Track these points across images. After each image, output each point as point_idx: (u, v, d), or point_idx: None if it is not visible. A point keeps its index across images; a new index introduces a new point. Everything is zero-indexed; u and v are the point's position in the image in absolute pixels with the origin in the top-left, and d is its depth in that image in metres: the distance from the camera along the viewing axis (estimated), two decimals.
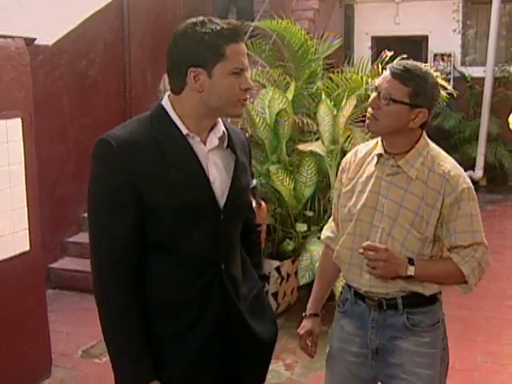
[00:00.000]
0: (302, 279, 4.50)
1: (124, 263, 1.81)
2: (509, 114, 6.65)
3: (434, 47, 10.12)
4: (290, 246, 4.83)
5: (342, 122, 4.72)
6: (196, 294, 1.88)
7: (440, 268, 2.15)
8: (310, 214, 4.89)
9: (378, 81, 2.14)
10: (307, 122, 4.94)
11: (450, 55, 10.02)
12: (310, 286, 4.46)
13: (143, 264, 1.85)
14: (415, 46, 10.09)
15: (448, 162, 2.14)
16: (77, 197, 5.93)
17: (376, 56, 5.35)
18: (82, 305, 5.17)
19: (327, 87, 5.20)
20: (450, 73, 9.80)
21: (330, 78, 5.21)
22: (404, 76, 2.05)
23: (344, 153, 4.81)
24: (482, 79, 7.24)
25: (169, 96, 1.89)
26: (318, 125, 4.78)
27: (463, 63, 9.97)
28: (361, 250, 2.10)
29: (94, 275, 1.85)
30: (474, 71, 9.46)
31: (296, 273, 4.72)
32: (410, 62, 2.12)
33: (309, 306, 2.46)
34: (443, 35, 9.98)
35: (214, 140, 1.90)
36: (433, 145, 2.19)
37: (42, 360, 3.91)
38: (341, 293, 2.35)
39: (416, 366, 2.15)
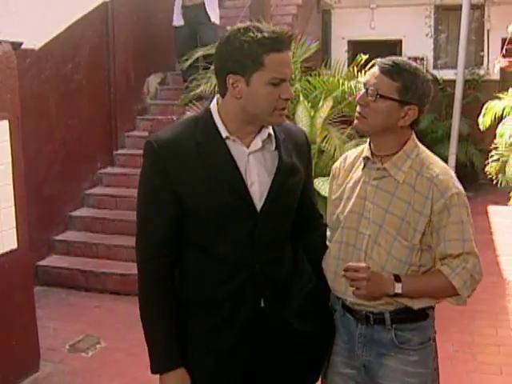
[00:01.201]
0: None
1: (159, 257, 1.89)
2: (478, 115, 6.90)
3: (407, 51, 10.28)
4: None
5: (319, 123, 4.85)
6: (227, 294, 1.88)
7: (430, 282, 1.99)
8: None
9: (366, 77, 2.04)
10: None
11: (422, 59, 10.19)
12: None
13: (182, 260, 1.92)
14: (390, 49, 10.08)
15: (437, 166, 2.00)
16: (63, 196, 6.04)
17: (352, 59, 5.50)
18: (69, 301, 5.26)
19: (305, 89, 5.26)
20: None
21: (308, 81, 5.28)
22: (393, 71, 1.93)
23: (321, 152, 4.99)
24: (453, 81, 7.43)
25: (217, 100, 1.89)
26: (295, 125, 4.86)
27: (435, 66, 10.20)
28: (343, 273, 1.98)
29: (137, 265, 1.94)
30: (446, 74, 9.61)
31: None
32: (400, 58, 2.00)
33: None
34: (416, 39, 10.20)
35: (258, 143, 1.88)
36: (423, 147, 2.06)
37: (31, 355, 3.95)
38: None
39: None
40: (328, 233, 2.21)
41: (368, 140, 2.09)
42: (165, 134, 1.89)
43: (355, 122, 2.03)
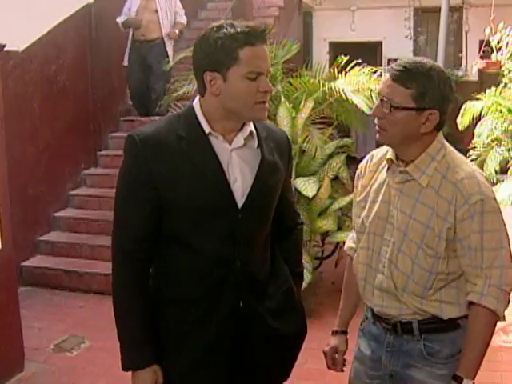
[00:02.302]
0: None
1: (136, 252, 1.87)
2: (457, 115, 6.99)
3: (387, 52, 10.42)
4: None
5: (300, 123, 4.87)
6: (207, 290, 1.88)
7: (473, 336, 1.83)
8: None
9: (379, 86, 1.92)
10: None
11: None
12: None
13: (161, 255, 1.91)
14: (370, 51, 10.35)
15: (464, 169, 1.85)
16: (48, 197, 6.06)
17: (333, 60, 5.54)
18: (53, 301, 5.27)
19: (286, 90, 5.26)
20: None
21: (289, 82, 5.28)
22: (404, 77, 1.80)
23: (303, 152, 5.03)
24: None
25: (199, 98, 1.89)
26: (277, 125, 4.68)
27: None
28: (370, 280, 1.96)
29: (112, 259, 1.92)
30: None
31: None
32: (412, 60, 1.85)
33: (336, 322, 2.26)
34: (396, 41, 10.33)
35: (240, 139, 1.87)
36: (450, 148, 1.91)
37: (15, 354, 3.94)
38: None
39: None
40: (354, 235, 2.16)
41: None
42: (147, 128, 1.88)
43: (377, 136, 1.91)
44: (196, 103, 1.89)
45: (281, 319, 1.99)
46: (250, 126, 1.90)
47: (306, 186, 4.63)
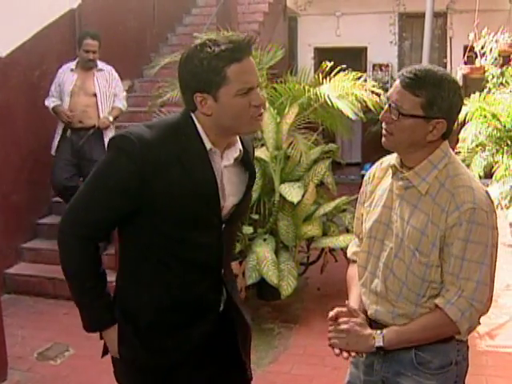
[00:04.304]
0: (249, 279, 4.54)
1: (92, 239, 1.90)
2: None
3: (372, 58, 10.49)
4: (236, 247, 4.82)
5: (285, 129, 4.87)
6: (195, 298, 1.92)
7: (425, 324, 1.86)
8: (255, 216, 4.87)
9: (389, 91, 1.91)
10: None
11: (387, 65, 10.41)
12: (256, 285, 4.65)
13: (151, 266, 1.89)
14: (355, 56, 10.40)
15: (462, 178, 1.85)
16: (32, 204, 6.00)
17: (318, 66, 5.55)
18: (37, 309, 5.22)
19: (271, 96, 5.26)
20: (387, 82, 10.10)
21: (274, 88, 5.28)
22: (414, 85, 1.80)
23: (287, 158, 5.01)
24: None
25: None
26: (262, 132, 4.86)
27: None
28: (367, 284, 1.98)
29: (60, 228, 1.91)
30: None
31: (244, 273, 4.76)
32: (423, 67, 1.85)
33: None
34: (381, 46, 10.39)
35: (230, 158, 1.89)
36: (454, 157, 1.92)
37: None
38: None
39: None
40: (357, 241, 2.17)
41: None
42: (145, 132, 1.79)
43: (383, 139, 1.91)
44: (194, 115, 1.86)
45: (246, 312, 2.10)
46: (239, 145, 1.92)
47: (290, 192, 4.63)
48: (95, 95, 5.66)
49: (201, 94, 1.75)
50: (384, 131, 1.89)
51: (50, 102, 5.67)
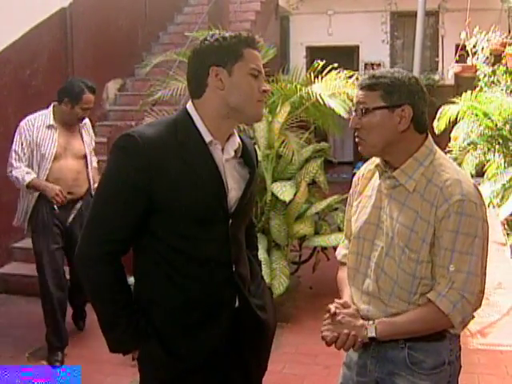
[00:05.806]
0: None
1: (116, 252, 1.87)
2: (434, 119, 7.04)
3: (364, 57, 10.53)
4: None
5: (276, 128, 4.87)
6: (207, 294, 1.91)
7: (417, 317, 1.85)
8: None
9: (353, 100, 1.96)
10: (243, 128, 4.88)
11: (379, 64, 10.43)
12: None
13: (160, 265, 1.90)
14: (347, 55, 10.39)
15: (450, 172, 1.86)
16: None
17: (310, 65, 5.54)
18: (28, 308, 5.16)
19: None
20: None
21: None
22: (371, 83, 1.87)
23: (279, 157, 5.02)
24: None
25: (192, 102, 1.91)
26: (254, 131, 4.88)
27: None
28: (359, 286, 1.98)
29: (81, 260, 1.87)
30: None
31: None
32: (380, 70, 1.95)
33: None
34: (373, 45, 10.44)
35: (230, 151, 1.93)
36: (440, 154, 1.93)
37: None
38: None
39: None
40: (346, 242, 2.17)
41: None
42: (146, 130, 1.85)
43: (359, 148, 1.94)
44: (190, 106, 1.91)
45: (266, 314, 2.08)
46: (238, 138, 1.97)
47: (282, 191, 4.63)
48: (85, 157, 4.33)
49: (217, 67, 1.85)
50: (357, 139, 1.92)
51: (24, 174, 4.05)
